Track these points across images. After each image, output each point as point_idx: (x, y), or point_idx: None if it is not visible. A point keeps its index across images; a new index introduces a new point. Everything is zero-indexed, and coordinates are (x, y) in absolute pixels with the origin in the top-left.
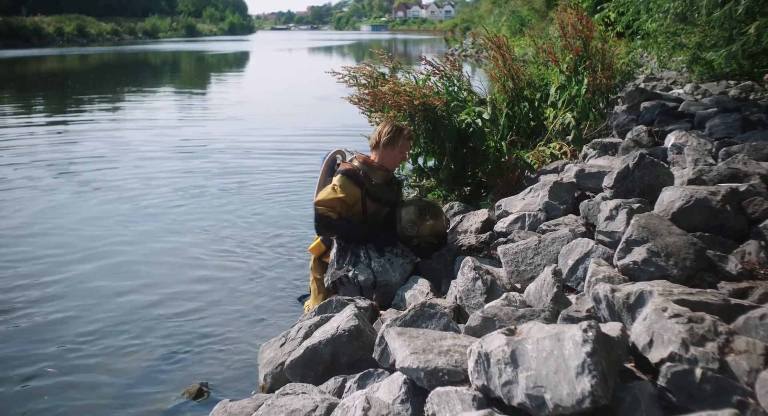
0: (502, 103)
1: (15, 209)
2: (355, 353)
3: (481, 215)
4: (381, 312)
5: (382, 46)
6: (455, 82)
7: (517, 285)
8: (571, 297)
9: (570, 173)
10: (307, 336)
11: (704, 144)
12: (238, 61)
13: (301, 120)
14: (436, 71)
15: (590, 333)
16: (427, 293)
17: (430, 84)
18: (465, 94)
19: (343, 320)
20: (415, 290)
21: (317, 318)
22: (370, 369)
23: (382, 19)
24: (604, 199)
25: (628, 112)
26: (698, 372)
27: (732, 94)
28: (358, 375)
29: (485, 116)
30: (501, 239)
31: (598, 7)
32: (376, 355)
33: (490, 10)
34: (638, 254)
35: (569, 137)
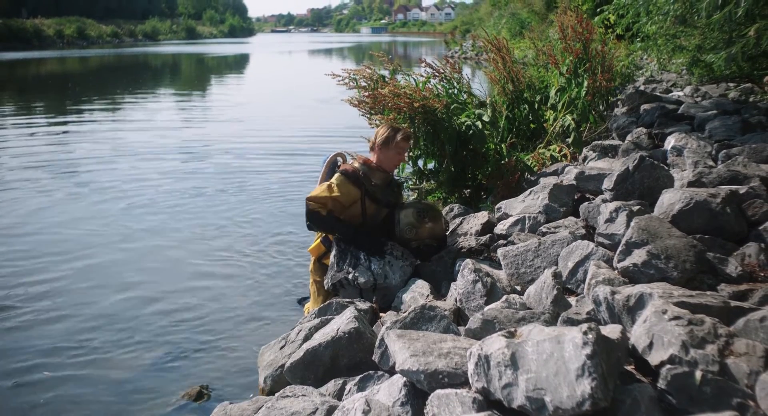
0: (502, 105)
1: (13, 210)
2: (355, 355)
3: (481, 217)
4: (381, 314)
5: (382, 48)
6: (455, 84)
7: (517, 288)
8: (571, 300)
9: (570, 176)
10: (307, 338)
11: (704, 146)
12: (238, 63)
13: (301, 122)
14: (436, 74)
15: (590, 336)
16: (427, 296)
17: (430, 86)
18: (465, 96)
19: (343, 322)
20: (415, 293)
21: (317, 321)
22: (370, 371)
23: (382, 21)
24: (604, 201)
25: (628, 114)
26: (698, 374)
27: (732, 96)
28: (358, 378)
29: (485, 118)
30: (501, 242)
31: (598, 10)
32: (376, 357)
33: (490, 12)
34: (638, 256)
35: (569, 140)
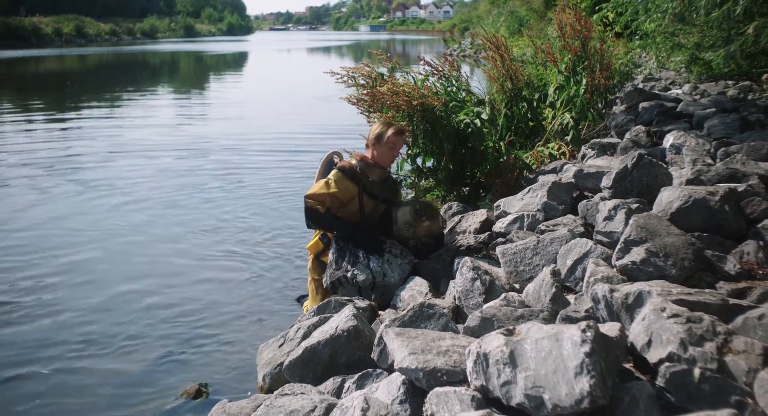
0: (501, 103)
1: (10, 206)
2: (354, 353)
3: (480, 215)
4: (380, 312)
5: (380, 46)
6: (454, 82)
7: (516, 285)
8: (570, 297)
9: (568, 174)
10: (305, 336)
11: (703, 144)
12: (237, 61)
13: (300, 120)
14: (435, 72)
15: (589, 334)
16: (426, 294)
17: (429, 84)
18: (463, 94)
19: (341, 320)
20: (413, 291)
21: (316, 319)
22: (369, 369)
23: (381, 19)
24: (603, 199)
25: (627, 112)
26: (697, 372)
27: (730, 94)
28: (356, 376)
29: (484, 116)
30: (500, 240)
31: (597, 8)
32: (374, 355)
33: (489, 10)
34: (637, 254)
35: (568, 138)
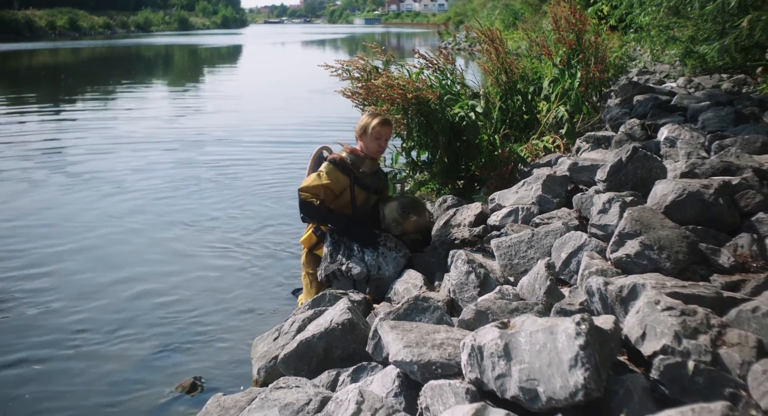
0: (496, 96)
1: (3, 200)
2: (349, 346)
3: (475, 208)
4: (374, 305)
5: (375, 39)
6: (448, 75)
7: (511, 278)
8: (564, 290)
9: (563, 167)
10: (300, 329)
11: (697, 137)
12: (231, 54)
13: (295, 113)
14: (430, 65)
15: (583, 326)
16: (421, 287)
17: (424, 77)
18: (458, 87)
19: (336, 313)
20: (408, 284)
21: (310, 312)
22: (364, 362)
23: (375, 12)
24: (597, 192)
25: (621, 105)
26: (691, 364)
27: (725, 87)
28: (351, 369)
29: (478, 109)
30: (494, 233)
31: (592, 1)
32: (369, 349)
33: (483, 3)
34: (631, 247)
35: (562, 131)
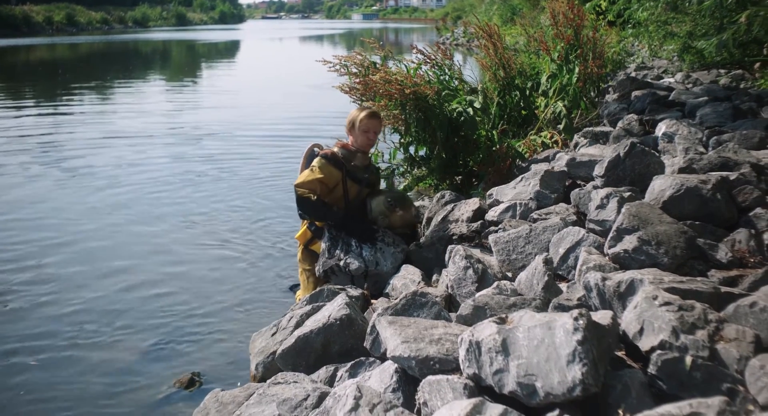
0: (494, 92)
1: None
2: (347, 342)
3: (473, 204)
4: (372, 300)
5: (373, 34)
6: (446, 71)
7: (509, 274)
8: (562, 286)
9: (561, 162)
10: (298, 325)
11: (695, 133)
12: (229, 50)
13: (293, 108)
14: (428, 60)
15: (581, 322)
16: (419, 282)
17: (422, 73)
18: (456, 83)
19: (334, 309)
20: (406, 279)
21: (308, 308)
22: (362, 357)
23: (373, 7)
24: (595, 188)
25: (619, 101)
26: (688, 359)
27: (723, 83)
28: (349, 364)
29: (476, 104)
30: (492, 228)
31: None
32: (367, 344)
33: None
34: (629, 242)
35: (560, 126)
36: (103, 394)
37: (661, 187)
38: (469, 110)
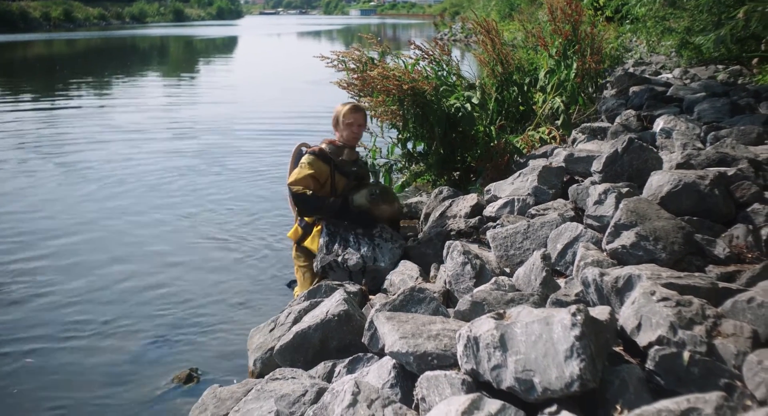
0: (491, 87)
1: None
2: (345, 337)
3: (470, 199)
4: (370, 296)
5: (371, 30)
6: (444, 66)
7: (506, 269)
8: (560, 281)
9: (559, 158)
10: (296, 321)
11: (693, 128)
12: (227, 46)
13: (290, 104)
14: (426, 56)
15: (579, 317)
16: (417, 278)
17: (420, 69)
18: (454, 78)
19: (332, 305)
20: (404, 275)
21: (306, 303)
22: (360, 353)
23: (371, 3)
24: (593, 183)
25: (617, 96)
26: (686, 355)
27: (720, 78)
28: (347, 360)
29: (474, 100)
30: (490, 224)
31: None
32: (365, 340)
33: None
34: (627, 238)
35: (558, 122)
36: (101, 390)
37: (658, 182)
38: (467, 105)
